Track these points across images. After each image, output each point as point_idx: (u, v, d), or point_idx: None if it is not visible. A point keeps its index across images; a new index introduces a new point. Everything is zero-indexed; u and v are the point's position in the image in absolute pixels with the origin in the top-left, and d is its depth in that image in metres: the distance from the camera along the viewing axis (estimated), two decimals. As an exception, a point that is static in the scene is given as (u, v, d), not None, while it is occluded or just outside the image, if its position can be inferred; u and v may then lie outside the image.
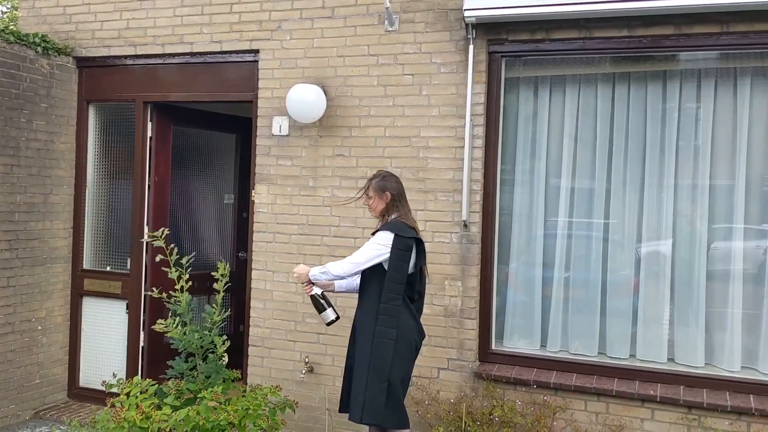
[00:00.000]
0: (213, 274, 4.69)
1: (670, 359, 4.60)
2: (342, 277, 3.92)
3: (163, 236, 4.58)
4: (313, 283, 4.06)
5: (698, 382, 4.39)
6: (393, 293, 3.80)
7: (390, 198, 3.97)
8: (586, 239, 4.82)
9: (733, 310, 4.47)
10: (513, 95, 4.95)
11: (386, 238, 3.83)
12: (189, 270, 4.64)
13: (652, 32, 4.44)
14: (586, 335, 4.76)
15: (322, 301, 4.04)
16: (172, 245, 4.66)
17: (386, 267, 3.84)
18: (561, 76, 4.86)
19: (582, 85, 4.81)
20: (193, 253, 4.81)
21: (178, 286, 4.59)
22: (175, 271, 4.61)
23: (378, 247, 3.83)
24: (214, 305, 4.65)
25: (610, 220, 4.76)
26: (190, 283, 4.64)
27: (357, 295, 4.07)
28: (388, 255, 3.82)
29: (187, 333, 4.50)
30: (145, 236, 5.58)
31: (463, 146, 4.74)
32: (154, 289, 4.65)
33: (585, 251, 4.81)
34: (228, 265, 4.71)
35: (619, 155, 4.73)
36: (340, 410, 4.08)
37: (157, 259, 4.65)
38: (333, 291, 4.19)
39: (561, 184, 4.85)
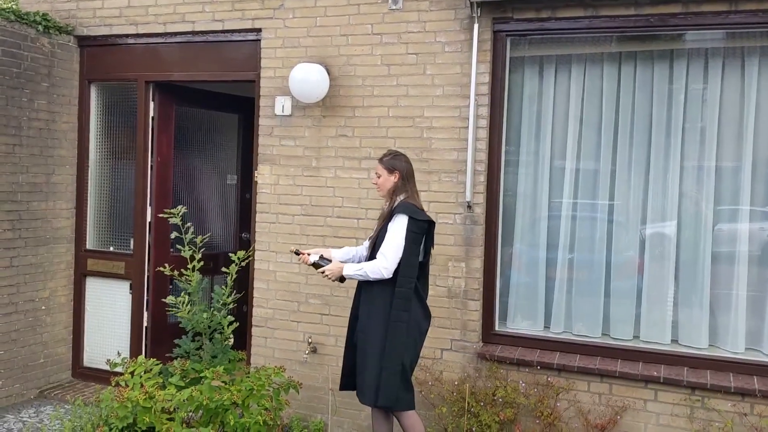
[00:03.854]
0: (231, 255, 4.65)
1: (674, 340, 4.59)
2: (381, 278, 3.82)
3: (180, 214, 4.57)
4: (305, 253, 4.06)
5: (702, 364, 4.38)
6: (408, 277, 3.80)
7: (399, 177, 3.94)
8: (591, 220, 4.80)
9: (738, 291, 4.46)
10: (518, 75, 4.90)
11: (404, 224, 3.80)
12: (202, 250, 4.62)
13: (660, 10, 4.38)
14: (590, 316, 4.75)
15: (324, 265, 4.01)
16: (189, 224, 4.64)
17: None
18: (566, 55, 4.81)
19: (587, 64, 4.76)
20: (209, 233, 4.79)
21: (190, 266, 4.58)
22: (189, 250, 4.59)
23: (403, 236, 3.79)
24: (224, 287, 4.64)
25: (614, 201, 4.73)
26: (202, 263, 4.62)
27: None
28: None
29: (196, 312, 4.50)
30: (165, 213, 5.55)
31: (467, 126, 4.70)
32: (166, 265, 4.63)
33: (589, 232, 4.79)
34: (225, 249, 4.69)
35: (624, 136, 4.69)
36: (341, 388, 4.11)
37: (173, 236, 4.64)
38: (330, 260, 4.10)
39: (566, 165, 4.82)
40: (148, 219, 5.85)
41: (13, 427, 5.08)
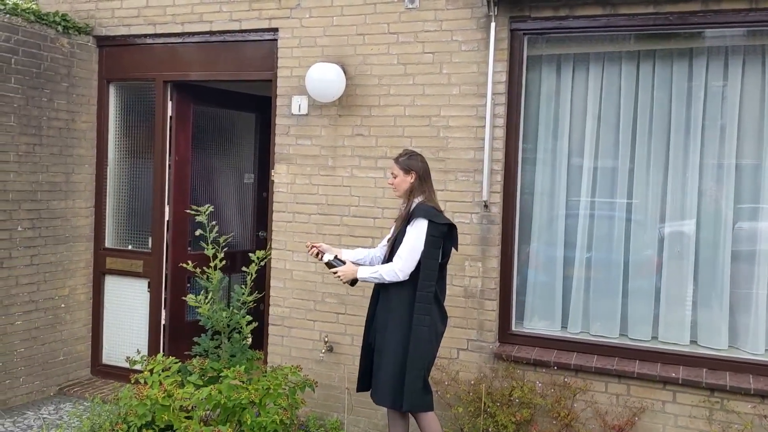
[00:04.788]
0: (250, 255, 4.67)
1: (693, 341, 4.55)
2: (396, 280, 3.83)
3: (206, 212, 4.59)
4: (320, 250, 4.08)
5: (721, 365, 4.34)
6: (428, 280, 3.79)
7: (415, 178, 3.93)
8: (609, 219, 4.77)
9: (758, 291, 4.40)
10: (535, 73, 4.87)
11: (424, 228, 3.79)
12: (224, 249, 4.65)
13: (679, 9, 4.34)
14: (608, 316, 4.72)
15: (338, 265, 4.00)
16: (214, 223, 4.67)
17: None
18: (584, 53, 4.78)
19: (606, 63, 4.73)
20: (232, 233, 4.83)
21: (212, 264, 4.60)
22: (212, 249, 4.62)
23: (421, 241, 3.78)
24: (243, 285, 4.67)
25: (633, 200, 4.69)
26: (224, 261, 4.64)
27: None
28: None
29: (216, 311, 4.53)
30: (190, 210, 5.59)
31: (484, 125, 4.69)
32: (189, 262, 4.66)
33: (607, 231, 4.76)
34: (242, 247, 4.71)
35: (643, 134, 4.65)
36: (359, 390, 4.11)
37: (197, 233, 4.67)
38: (344, 262, 4.08)
39: (583, 163, 4.79)
40: (167, 217, 5.89)
41: (33, 424, 5.13)
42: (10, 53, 5.27)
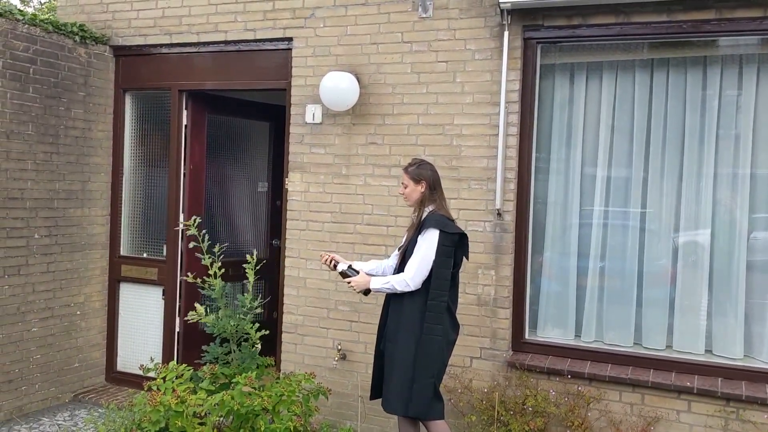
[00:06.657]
0: (245, 265, 4.72)
1: (708, 351, 4.52)
2: (408, 290, 3.85)
3: (195, 225, 4.65)
4: (336, 261, 4.11)
5: (737, 375, 4.31)
6: (440, 290, 3.80)
7: (425, 187, 3.94)
8: (622, 228, 4.75)
9: (774, 301, 4.39)
10: (548, 82, 4.88)
11: (435, 238, 3.80)
12: (221, 257, 4.71)
13: (693, 17, 4.34)
14: (622, 325, 4.70)
15: (352, 275, 4.02)
16: (204, 232, 4.72)
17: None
18: (598, 62, 4.78)
19: (619, 71, 4.73)
20: (227, 243, 4.88)
21: (211, 272, 4.65)
22: (208, 258, 4.67)
23: (432, 251, 3.79)
24: (247, 293, 4.70)
25: (646, 209, 4.68)
26: (223, 270, 4.69)
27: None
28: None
29: (221, 319, 4.56)
30: (180, 224, 5.69)
31: (497, 134, 4.70)
32: (189, 274, 4.72)
33: (621, 240, 4.74)
34: (257, 255, 4.78)
35: (656, 143, 4.64)
36: (372, 398, 4.11)
37: (191, 245, 4.72)
38: (358, 272, 4.10)
39: (597, 172, 4.78)
40: (181, 226, 5.93)
41: (49, 430, 5.17)
42: (29, 63, 5.34)
